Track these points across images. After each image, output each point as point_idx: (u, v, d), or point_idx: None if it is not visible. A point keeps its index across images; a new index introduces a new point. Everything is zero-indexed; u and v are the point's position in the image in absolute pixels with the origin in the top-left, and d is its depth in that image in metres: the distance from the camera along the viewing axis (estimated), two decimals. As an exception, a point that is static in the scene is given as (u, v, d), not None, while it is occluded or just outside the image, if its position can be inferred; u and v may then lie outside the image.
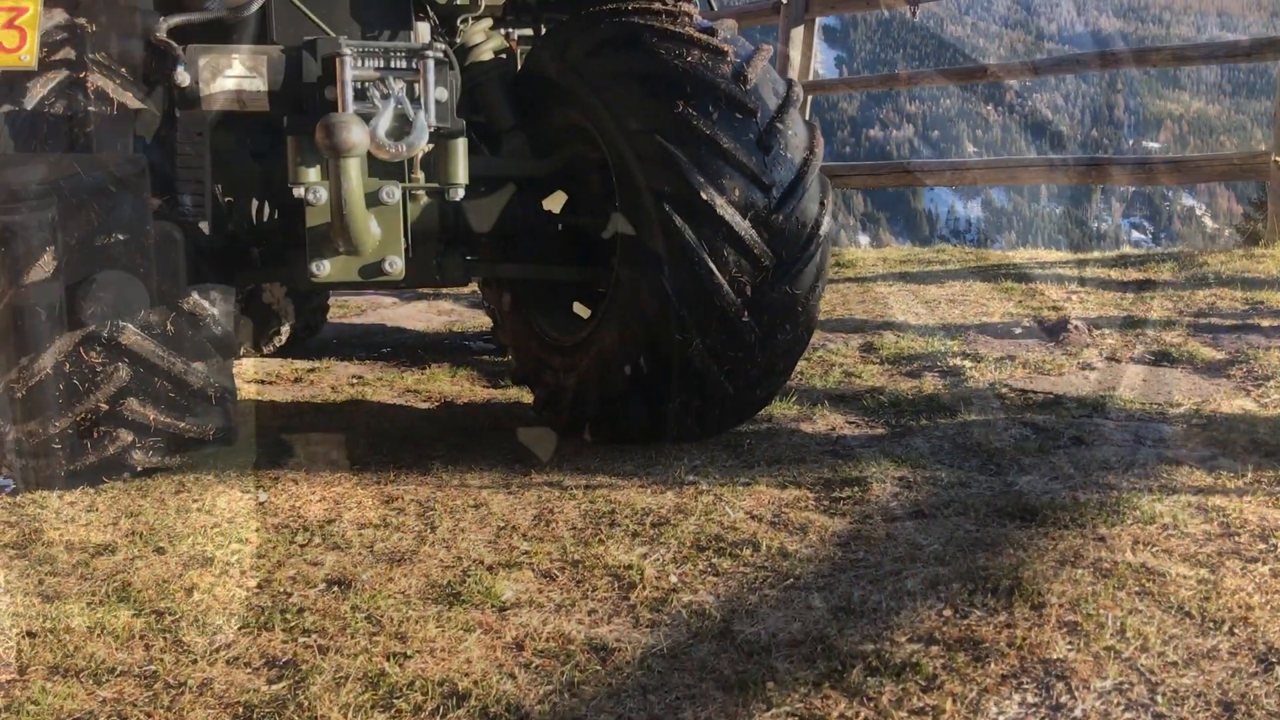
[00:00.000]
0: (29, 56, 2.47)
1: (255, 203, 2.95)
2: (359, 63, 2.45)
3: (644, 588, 2.04)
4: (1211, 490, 2.50)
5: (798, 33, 8.65)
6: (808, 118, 8.92)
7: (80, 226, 2.50)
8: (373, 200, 2.59)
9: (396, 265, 2.71)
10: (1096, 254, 7.32)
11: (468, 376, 4.35)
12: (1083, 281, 6.14)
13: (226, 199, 2.99)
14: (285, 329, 4.81)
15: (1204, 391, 3.52)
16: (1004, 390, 3.61)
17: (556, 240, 3.37)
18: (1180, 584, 1.98)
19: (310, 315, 4.93)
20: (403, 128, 2.46)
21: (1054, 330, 4.47)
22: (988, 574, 2.02)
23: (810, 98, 8.89)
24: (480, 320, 5.74)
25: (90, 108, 2.57)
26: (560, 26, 3.28)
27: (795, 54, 8.71)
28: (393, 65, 2.48)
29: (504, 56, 3.17)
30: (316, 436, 3.34)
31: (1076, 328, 4.48)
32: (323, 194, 2.55)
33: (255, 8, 2.62)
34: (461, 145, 2.66)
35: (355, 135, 2.26)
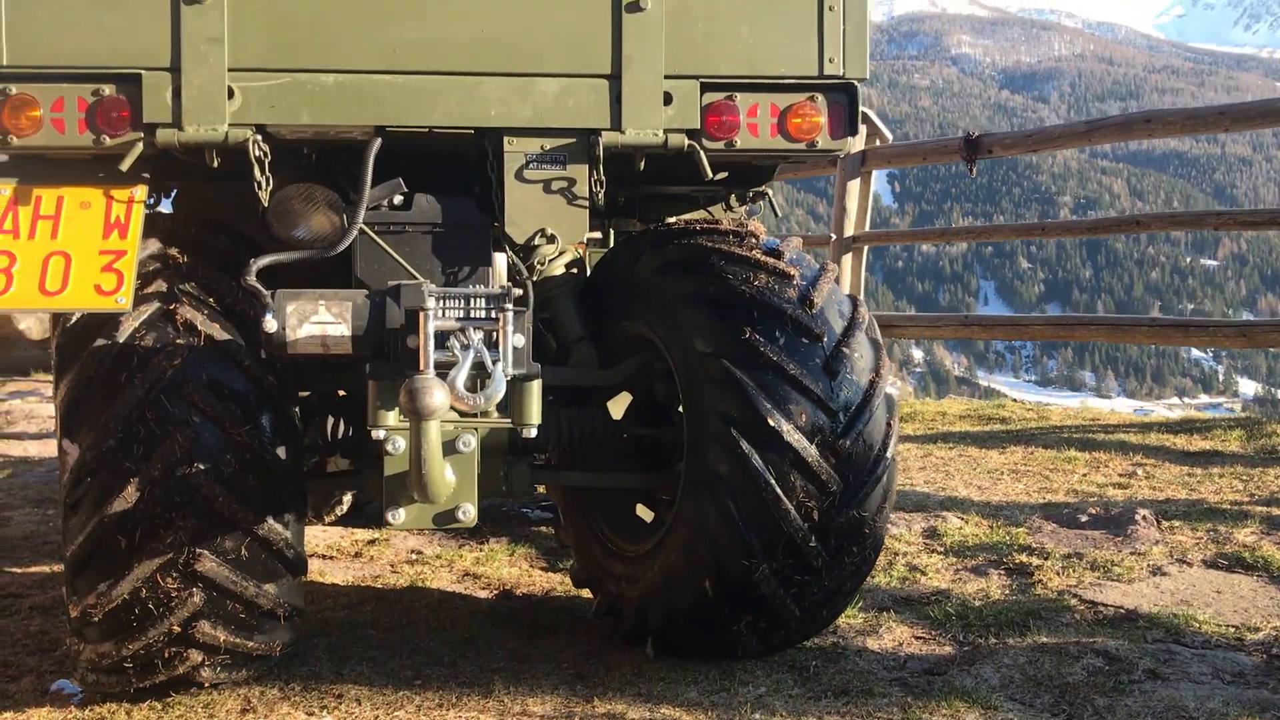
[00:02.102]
0: (125, 299, 2.57)
1: (331, 419, 3.03)
2: (440, 313, 2.53)
3: None
4: (1298, 754, 2.42)
5: (854, 185, 8.80)
6: (865, 265, 8.98)
7: (164, 458, 2.57)
8: (449, 449, 2.65)
9: (470, 514, 2.76)
10: (1159, 416, 7.24)
11: (526, 555, 4.36)
12: (1147, 451, 6.06)
13: (302, 414, 3.06)
14: (348, 498, 4.86)
15: (1282, 610, 3.42)
16: (1073, 601, 3.54)
17: (621, 446, 3.39)
18: None
19: (373, 484, 4.98)
20: (480, 377, 2.52)
21: (1121, 521, 4.39)
22: None
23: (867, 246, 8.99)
24: (539, 482, 5.76)
25: (179, 340, 2.65)
26: (629, 241, 3.36)
27: (852, 204, 8.85)
28: (473, 315, 2.56)
29: (575, 271, 3.25)
30: (376, 639, 3.35)
31: (1144, 518, 4.40)
32: (401, 444, 2.61)
33: (342, 248, 2.72)
34: (536, 387, 2.72)
35: (437, 400, 2.33)
